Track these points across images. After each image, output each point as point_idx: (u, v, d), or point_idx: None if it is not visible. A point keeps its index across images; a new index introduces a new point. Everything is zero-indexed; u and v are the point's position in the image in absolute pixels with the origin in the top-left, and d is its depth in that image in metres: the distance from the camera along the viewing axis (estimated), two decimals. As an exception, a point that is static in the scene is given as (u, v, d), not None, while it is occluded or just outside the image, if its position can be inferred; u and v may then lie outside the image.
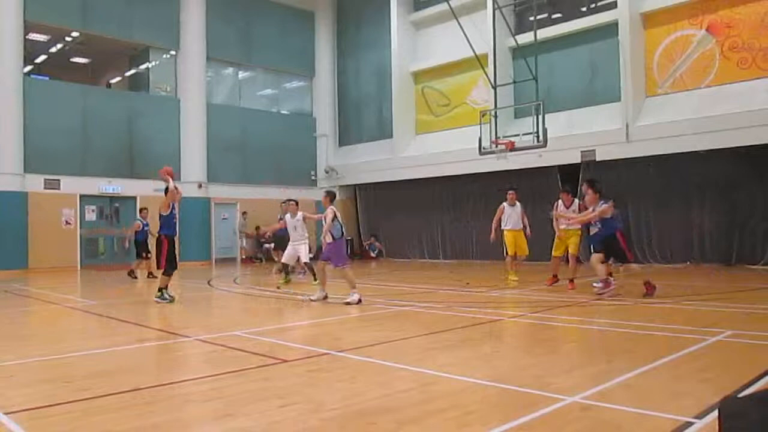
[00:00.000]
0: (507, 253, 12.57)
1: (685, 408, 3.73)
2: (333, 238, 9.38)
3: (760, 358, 5.17)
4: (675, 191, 16.37)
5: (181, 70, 21.90)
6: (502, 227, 12.30)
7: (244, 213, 22.64)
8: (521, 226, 12.20)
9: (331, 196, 9.80)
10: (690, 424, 3.44)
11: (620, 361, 5.14)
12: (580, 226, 10.95)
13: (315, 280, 12.10)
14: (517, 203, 12.29)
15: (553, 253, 11.42)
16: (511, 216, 12.21)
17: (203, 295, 12.08)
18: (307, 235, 12.86)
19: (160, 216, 9.90)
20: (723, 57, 15.42)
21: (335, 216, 9.39)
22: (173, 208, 9.99)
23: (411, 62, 22.55)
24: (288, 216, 12.65)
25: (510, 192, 12.41)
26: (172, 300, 9.78)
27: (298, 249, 12.52)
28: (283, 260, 12.89)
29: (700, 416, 3.54)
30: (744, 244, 15.25)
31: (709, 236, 15.86)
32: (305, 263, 12.88)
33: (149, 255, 14.69)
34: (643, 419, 3.58)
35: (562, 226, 11.07)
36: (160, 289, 9.85)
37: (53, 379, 4.90)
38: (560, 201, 11.37)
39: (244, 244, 22.74)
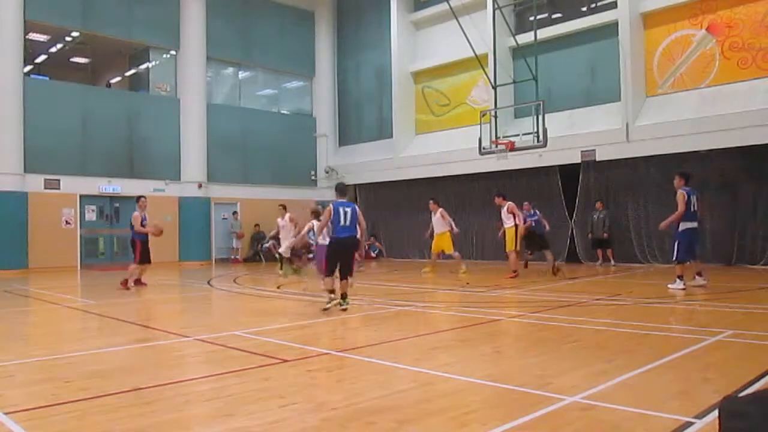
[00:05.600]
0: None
1: (685, 408, 3.73)
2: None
3: (761, 357, 5.17)
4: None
5: (181, 70, 21.90)
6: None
7: (234, 213, 22.69)
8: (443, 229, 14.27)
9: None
10: (690, 424, 3.44)
11: (620, 360, 5.14)
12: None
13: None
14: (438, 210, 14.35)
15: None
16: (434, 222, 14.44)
17: (203, 295, 12.09)
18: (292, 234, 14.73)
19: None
20: (723, 57, 15.42)
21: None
22: None
23: (411, 62, 22.55)
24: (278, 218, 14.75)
25: (431, 200, 14.85)
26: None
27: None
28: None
29: (700, 416, 3.54)
30: (744, 243, 15.25)
31: (709, 236, 15.84)
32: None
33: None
34: (643, 419, 3.58)
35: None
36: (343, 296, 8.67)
37: (53, 378, 4.90)
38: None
39: (235, 244, 22.77)
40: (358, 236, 8.86)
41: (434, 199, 15.00)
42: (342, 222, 8.50)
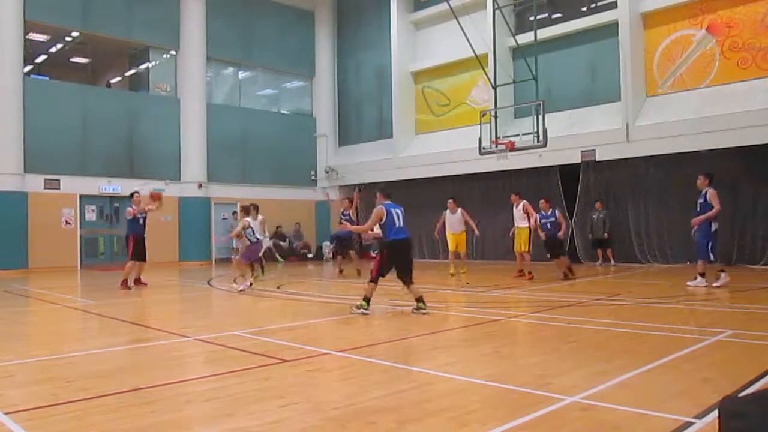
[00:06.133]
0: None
1: (685, 408, 3.73)
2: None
3: (761, 357, 5.17)
4: (675, 191, 16.37)
5: (181, 70, 21.90)
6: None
7: (234, 213, 22.69)
8: (462, 229, 14.23)
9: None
10: (690, 424, 3.44)
11: (620, 360, 5.14)
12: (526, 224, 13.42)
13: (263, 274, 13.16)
14: (458, 209, 14.24)
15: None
16: (452, 221, 14.29)
17: (203, 295, 12.09)
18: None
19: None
20: (723, 57, 15.41)
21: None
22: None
23: (411, 62, 22.55)
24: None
25: (449, 199, 14.52)
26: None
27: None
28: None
29: (700, 416, 3.54)
30: (744, 244, 15.25)
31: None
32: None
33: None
34: (643, 419, 3.58)
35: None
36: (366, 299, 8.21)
37: (53, 378, 4.90)
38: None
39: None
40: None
41: (455, 197, 14.71)
42: (397, 224, 8.18)
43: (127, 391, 4.36)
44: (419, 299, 8.23)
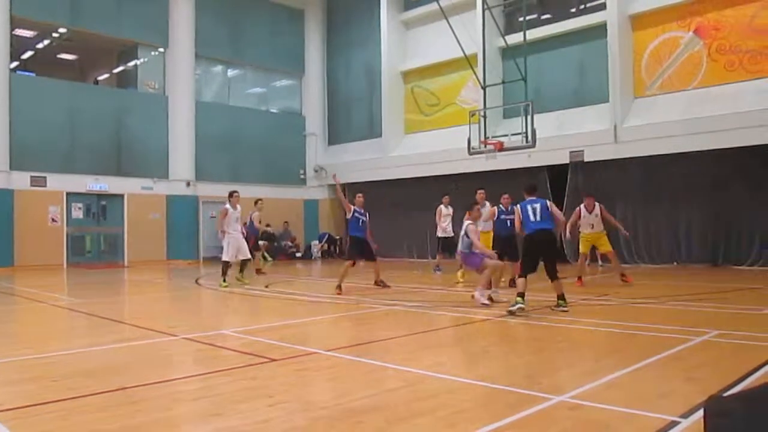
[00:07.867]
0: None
1: (671, 407, 3.76)
2: None
3: (746, 357, 5.21)
4: (662, 192, 16.49)
5: (169, 68, 21.77)
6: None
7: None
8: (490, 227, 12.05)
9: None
10: (676, 423, 3.47)
11: (608, 360, 5.18)
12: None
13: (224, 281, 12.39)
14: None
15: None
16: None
17: (191, 294, 12.03)
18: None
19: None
20: (710, 59, 15.55)
21: None
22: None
23: (400, 62, 22.56)
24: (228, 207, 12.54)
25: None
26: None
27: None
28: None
29: (686, 415, 3.57)
30: (730, 244, 15.39)
31: (696, 237, 15.99)
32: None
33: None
34: (630, 418, 3.60)
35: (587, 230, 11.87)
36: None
37: (39, 377, 4.86)
38: (583, 206, 11.84)
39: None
40: (553, 229, 8.43)
41: (484, 189, 13.07)
42: (531, 218, 8.31)
43: (114, 391, 4.33)
44: (561, 296, 8.22)
